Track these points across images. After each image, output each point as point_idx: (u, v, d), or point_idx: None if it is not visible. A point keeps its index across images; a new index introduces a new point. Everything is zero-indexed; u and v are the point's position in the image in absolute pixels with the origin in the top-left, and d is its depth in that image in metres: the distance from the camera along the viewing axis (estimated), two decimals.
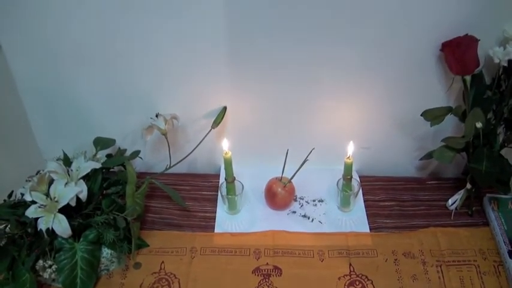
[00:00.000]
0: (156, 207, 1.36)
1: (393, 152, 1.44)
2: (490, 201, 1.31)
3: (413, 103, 1.28)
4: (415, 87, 1.29)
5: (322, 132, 1.39)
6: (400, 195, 1.39)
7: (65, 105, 1.37)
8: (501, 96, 1.22)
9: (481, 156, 1.18)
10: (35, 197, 1.10)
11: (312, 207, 1.36)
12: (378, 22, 1.17)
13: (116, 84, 1.32)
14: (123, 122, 1.40)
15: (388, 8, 1.15)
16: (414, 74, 1.26)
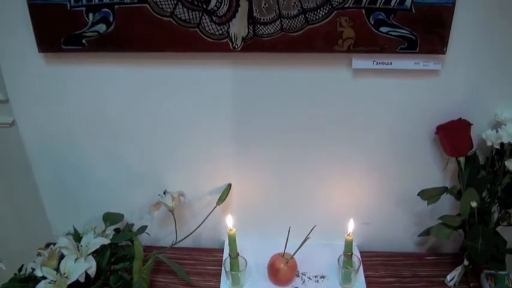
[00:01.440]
0: (162, 281, 1.36)
1: (393, 227, 1.46)
2: (488, 278, 1.32)
3: (412, 182, 1.33)
4: (412, 166, 1.33)
5: (324, 209, 1.42)
6: (400, 272, 1.39)
7: (75, 179, 1.41)
8: (495, 175, 1.27)
9: (476, 234, 1.21)
10: (46, 272, 1.12)
11: (314, 284, 1.36)
12: (377, 108, 1.25)
13: (126, 161, 1.36)
14: (131, 197, 1.43)
15: (387, 97, 1.23)
16: (412, 154, 1.32)
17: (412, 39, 1.13)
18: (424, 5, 1.09)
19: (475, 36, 1.15)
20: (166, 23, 1.12)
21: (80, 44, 1.16)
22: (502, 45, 1.16)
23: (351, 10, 1.10)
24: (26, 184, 1.45)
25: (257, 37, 1.13)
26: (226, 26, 1.13)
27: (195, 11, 1.11)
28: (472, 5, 1.11)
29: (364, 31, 1.12)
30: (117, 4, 1.11)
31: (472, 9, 1.11)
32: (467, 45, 1.16)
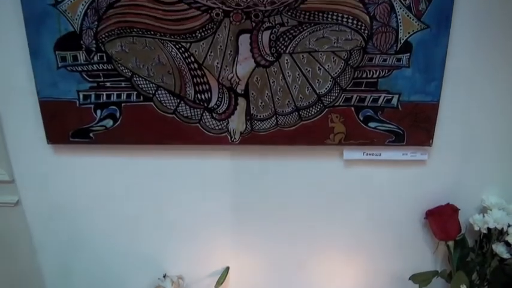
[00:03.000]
0: None
1: None
2: None
3: (405, 263, 1.35)
4: (405, 249, 1.36)
5: None
6: None
7: (77, 262, 1.42)
8: (483, 258, 1.30)
9: None
10: None
11: None
12: (368, 195, 1.30)
13: (129, 245, 1.39)
14: (133, 280, 1.44)
15: (377, 184, 1.28)
16: (403, 238, 1.34)
17: (399, 133, 1.19)
18: (409, 103, 1.17)
19: (459, 128, 1.21)
20: (170, 119, 1.19)
21: (87, 137, 1.21)
22: (484, 133, 1.22)
23: (341, 108, 1.17)
24: (29, 264, 1.47)
25: (254, 132, 1.20)
26: (226, 122, 1.19)
27: (196, 108, 1.18)
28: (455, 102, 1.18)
29: (354, 126, 1.19)
30: (124, 102, 1.18)
31: (455, 106, 1.19)
32: (452, 136, 1.22)
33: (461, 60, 1.14)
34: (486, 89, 1.18)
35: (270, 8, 1.08)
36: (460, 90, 1.17)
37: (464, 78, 1.16)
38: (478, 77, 1.17)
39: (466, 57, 1.14)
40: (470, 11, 1.10)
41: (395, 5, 1.08)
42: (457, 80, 1.16)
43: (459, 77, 1.16)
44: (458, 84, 1.16)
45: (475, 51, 1.14)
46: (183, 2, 1.08)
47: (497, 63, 1.16)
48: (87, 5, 1.09)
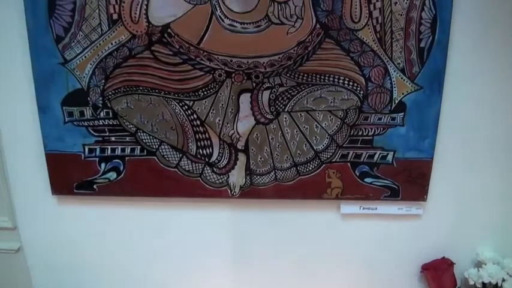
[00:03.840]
0: None
1: None
2: None
3: None
4: None
5: None
6: None
7: None
8: None
9: None
10: None
11: None
12: (364, 248, 1.31)
13: None
14: None
15: (373, 237, 1.29)
16: None
17: (394, 188, 1.22)
18: (404, 159, 1.20)
19: (453, 183, 1.24)
20: (172, 173, 1.21)
21: (91, 188, 1.24)
22: (478, 188, 1.25)
23: (338, 164, 1.21)
24: None
25: (253, 186, 1.22)
26: (226, 176, 1.22)
27: (198, 163, 1.21)
28: (448, 159, 1.21)
29: (350, 182, 1.22)
30: (128, 156, 1.21)
31: (449, 162, 1.22)
32: (447, 191, 1.24)
33: (454, 119, 1.18)
34: (478, 146, 1.21)
35: (270, 70, 1.13)
36: (454, 148, 1.20)
37: (457, 135, 1.20)
38: (471, 135, 1.20)
39: (459, 116, 1.18)
40: (462, 73, 1.15)
41: (389, 68, 1.13)
42: (450, 138, 1.19)
43: (452, 134, 1.19)
44: (451, 141, 1.19)
45: (467, 110, 1.18)
46: (187, 64, 1.13)
47: (488, 120, 1.19)
48: (95, 64, 1.13)
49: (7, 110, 1.21)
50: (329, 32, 1.10)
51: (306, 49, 1.11)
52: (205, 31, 1.11)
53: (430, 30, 1.10)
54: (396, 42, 1.11)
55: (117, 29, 1.11)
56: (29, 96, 1.18)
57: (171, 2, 1.08)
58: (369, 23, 1.10)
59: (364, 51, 1.12)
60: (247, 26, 1.10)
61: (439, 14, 1.09)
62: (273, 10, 1.09)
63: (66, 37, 1.12)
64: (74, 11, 1.10)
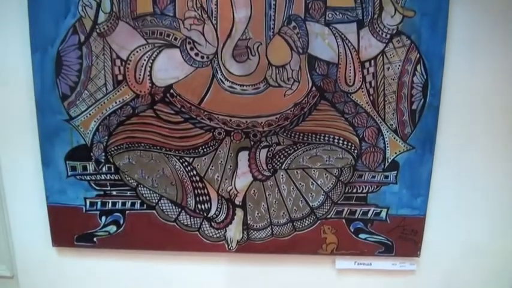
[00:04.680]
0: None
1: None
2: None
3: None
4: None
5: None
6: None
7: None
8: None
9: None
10: None
11: None
12: None
13: None
14: None
15: None
16: None
17: (388, 244, 1.24)
18: (397, 216, 1.22)
19: (446, 240, 1.26)
20: (171, 227, 1.23)
21: (91, 241, 1.25)
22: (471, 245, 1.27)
23: (333, 220, 1.23)
24: None
25: (250, 240, 1.24)
26: (223, 231, 1.24)
27: (196, 217, 1.23)
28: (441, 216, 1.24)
29: (345, 237, 1.24)
30: (128, 210, 1.23)
31: (442, 219, 1.24)
32: (440, 247, 1.26)
33: (446, 177, 1.21)
34: (470, 203, 1.24)
35: (268, 129, 1.17)
36: (446, 205, 1.23)
37: (449, 193, 1.22)
38: (463, 192, 1.23)
39: (451, 175, 1.21)
40: (453, 133, 1.19)
41: (382, 128, 1.17)
42: (442, 195, 1.22)
43: (445, 192, 1.22)
44: (443, 199, 1.22)
45: (459, 169, 1.21)
46: (188, 122, 1.17)
47: (479, 177, 1.22)
48: (99, 121, 1.17)
49: (11, 162, 1.24)
50: (324, 95, 1.15)
51: (302, 110, 1.15)
52: (206, 92, 1.15)
53: (421, 93, 1.15)
54: (389, 105, 1.15)
55: (122, 88, 1.15)
56: (33, 150, 1.20)
57: (174, 64, 1.13)
58: (363, 86, 1.14)
59: (358, 113, 1.16)
60: (246, 88, 1.14)
61: (430, 78, 1.14)
62: (271, 74, 1.13)
63: (71, 95, 1.16)
64: (81, 71, 1.14)
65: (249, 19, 1.10)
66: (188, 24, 1.11)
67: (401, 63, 1.13)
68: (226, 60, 1.12)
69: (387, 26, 1.11)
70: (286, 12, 1.10)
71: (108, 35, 1.12)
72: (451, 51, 1.14)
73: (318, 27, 1.11)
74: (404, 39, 1.12)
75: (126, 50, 1.13)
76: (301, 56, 1.12)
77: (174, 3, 1.10)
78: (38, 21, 1.11)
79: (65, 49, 1.13)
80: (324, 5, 1.10)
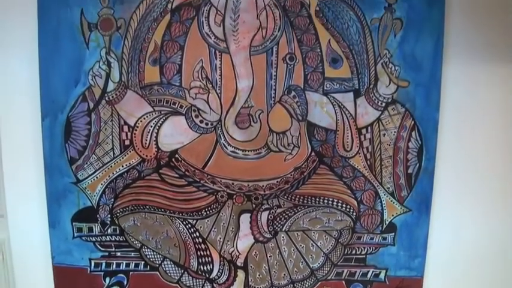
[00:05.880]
0: None
1: None
2: None
3: None
4: None
5: None
6: None
7: None
8: None
9: None
10: None
11: None
12: None
13: None
14: None
15: None
16: None
17: None
18: (396, 278, 1.23)
19: None
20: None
21: None
22: None
23: (333, 281, 1.24)
24: None
25: None
26: None
27: (199, 279, 1.25)
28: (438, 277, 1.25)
29: None
30: (132, 271, 1.25)
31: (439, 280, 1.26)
32: None
33: (443, 239, 1.23)
34: (468, 265, 1.25)
35: (269, 192, 1.20)
36: (443, 267, 1.25)
37: (446, 254, 1.24)
38: (460, 253, 1.25)
39: (447, 236, 1.23)
40: (449, 196, 1.22)
41: (380, 191, 1.20)
42: (439, 257, 1.23)
43: (441, 253, 1.24)
44: (440, 261, 1.24)
45: (455, 230, 1.24)
46: (192, 185, 1.20)
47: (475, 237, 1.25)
48: (106, 184, 1.20)
49: (19, 223, 1.26)
50: (323, 159, 1.18)
51: (302, 174, 1.19)
52: (210, 157, 1.18)
53: (416, 158, 1.18)
54: (385, 169, 1.19)
55: (128, 153, 1.18)
56: (40, 211, 1.22)
57: (180, 131, 1.17)
58: (360, 151, 1.18)
59: (356, 177, 1.19)
60: (248, 153, 1.18)
61: (425, 144, 1.17)
62: (272, 139, 1.17)
63: (80, 159, 1.19)
64: (89, 136, 1.18)
65: (251, 89, 1.15)
66: (193, 93, 1.15)
67: (397, 129, 1.17)
68: (229, 127, 1.16)
69: (383, 95, 1.15)
70: (286, 82, 1.15)
71: (117, 102, 1.16)
72: (444, 118, 1.18)
73: (317, 96, 1.15)
74: (399, 107, 1.16)
75: (134, 117, 1.17)
76: (300, 123, 1.16)
77: (181, 74, 1.14)
78: (49, 90, 1.15)
79: (74, 115, 1.17)
80: (322, 76, 1.15)
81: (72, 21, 1.13)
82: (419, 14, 1.12)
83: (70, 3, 1.12)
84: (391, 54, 1.13)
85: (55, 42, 1.13)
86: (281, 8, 1.12)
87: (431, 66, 1.14)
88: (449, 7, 1.14)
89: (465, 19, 1.15)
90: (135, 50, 1.13)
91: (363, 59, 1.14)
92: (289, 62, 1.14)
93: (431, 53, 1.14)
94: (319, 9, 1.12)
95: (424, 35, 1.13)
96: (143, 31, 1.13)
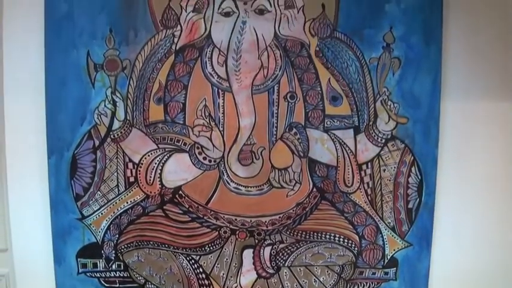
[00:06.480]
0: None
1: None
2: None
3: None
4: None
5: None
6: None
7: None
8: None
9: None
10: None
11: None
12: None
13: None
14: None
15: None
16: None
17: None
18: None
19: None
20: None
21: None
22: None
23: None
24: None
25: None
26: None
27: None
28: None
29: None
30: None
31: None
32: None
33: (444, 272, 1.24)
34: None
35: (271, 228, 1.21)
36: None
37: None
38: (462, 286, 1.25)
39: (448, 270, 1.24)
40: (449, 231, 1.23)
41: (381, 226, 1.21)
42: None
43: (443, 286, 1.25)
44: None
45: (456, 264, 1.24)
46: (195, 221, 1.21)
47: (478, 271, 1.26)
48: (111, 220, 1.21)
49: (23, 257, 1.26)
50: (325, 195, 1.19)
51: (304, 210, 1.20)
52: (213, 193, 1.19)
53: (416, 193, 1.20)
54: (386, 204, 1.20)
55: (133, 189, 1.20)
56: (46, 247, 1.23)
57: (183, 167, 1.19)
58: (361, 187, 1.19)
59: (357, 212, 1.20)
60: (251, 189, 1.19)
61: (424, 179, 1.19)
62: (274, 176, 1.19)
63: (85, 195, 1.20)
64: (94, 173, 1.20)
65: (253, 126, 1.17)
66: (197, 131, 1.17)
67: (397, 165, 1.19)
68: (232, 164, 1.18)
69: (382, 131, 1.17)
70: (287, 120, 1.17)
71: (122, 140, 1.18)
72: (443, 154, 1.20)
73: (318, 133, 1.17)
74: (399, 143, 1.18)
75: (139, 154, 1.18)
76: (302, 159, 1.18)
77: (184, 112, 1.17)
78: (55, 128, 1.17)
79: (80, 153, 1.19)
80: (323, 114, 1.17)
81: (79, 62, 1.15)
82: (417, 53, 1.15)
83: (77, 44, 1.15)
84: (389, 92, 1.15)
85: (62, 82, 1.16)
86: (282, 48, 1.14)
87: (430, 103, 1.16)
88: (446, 46, 1.16)
89: (462, 57, 1.18)
90: (140, 90, 1.16)
91: (363, 97, 1.16)
92: (290, 100, 1.16)
93: (429, 90, 1.16)
94: (319, 50, 1.14)
95: (422, 73, 1.16)
96: (148, 71, 1.15)
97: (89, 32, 1.14)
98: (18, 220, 1.25)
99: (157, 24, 1.14)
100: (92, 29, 1.14)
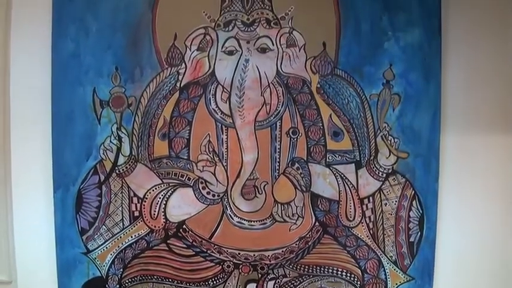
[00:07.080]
0: None
1: None
2: None
3: None
4: None
5: None
6: None
7: None
8: None
9: None
10: None
11: None
12: None
13: None
14: None
15: None
16: None
17: None
18: None
19: None
20: None
21: None
22: None
23: None
24: None
25: None
26: None
27: None
28: None
29: None
30: None
31: None
32: None
33: None
34: None
35: (274, 262, 1.21)
36: None
37: None
38: None
39: None
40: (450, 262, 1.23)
41: (383, 260, 1.21)
42: None
43: None
44: None
45: None
46: (199, 256, 1.22)
47: None
48: (115, 255, 1.22)
49: None
50: (327, 229, 1.20)
51: (306, 244, 1.21)
52: (217, 227, 1.20)
53: (418, 227, 1.20)
54: (388, 238, 1.21)
55: (137, 224, 1.21)
56: (50, 281, 1.24)
57: (187, 202, 1.20)
58: (363, 221, 1.20)
59: (359, 246, 1.21)
60: (254, 223, 1.20)
61: (425, 213, 1.20)
62: (277, 210, 1.20)
63: (90, 230, 1.21)
64: (99, 208, 1.21)
65: (256, 161, 1.18)
66: (201, 166, 1.19)
67: (398, 199, 1.20)
68: (235, 198, 1.19)
69: (383, 166, 1.19)
70: (290, 155, 1.19)
71: (127, 175, 1.19)
72: (444, 187, 1.21)
73: (320, 168, 1.19)
74: (400, 177, 1.19)
75: (143, 189, 1.20)
76: (304, 193, 1.19)
77: (188, 148, 1.18)
78: (61, 163, 1.19)
79: (86, 188, 1.20)
80: (325, 149, 1.18)
81: (85, 98, 1.18)
82: (416, 89, 1.17)
83: (83, 82, 1.17)
84: (390, 127, 1.17)
85: (68, 118, 1.18)
86: (284, 85, 1.16)
87: (430, 138, 1.18)
88: (445, 81, 1.18)
89: (461, 92, 1.19)
90: (145, 126, 1.18)
91: (363, 132, 1.17)
92: (293, 135, 1.18)
93: (429, 125, 1.18)
94: (320, 86, 1.16)
95: (422, 108, 1.17)
96: (153, 108, 1.17)
97: (95, 69, 1.16)
98: (23, 253, 1.26)
99: (162, 63, 1.16)
100: (98, 66, 1.16)
